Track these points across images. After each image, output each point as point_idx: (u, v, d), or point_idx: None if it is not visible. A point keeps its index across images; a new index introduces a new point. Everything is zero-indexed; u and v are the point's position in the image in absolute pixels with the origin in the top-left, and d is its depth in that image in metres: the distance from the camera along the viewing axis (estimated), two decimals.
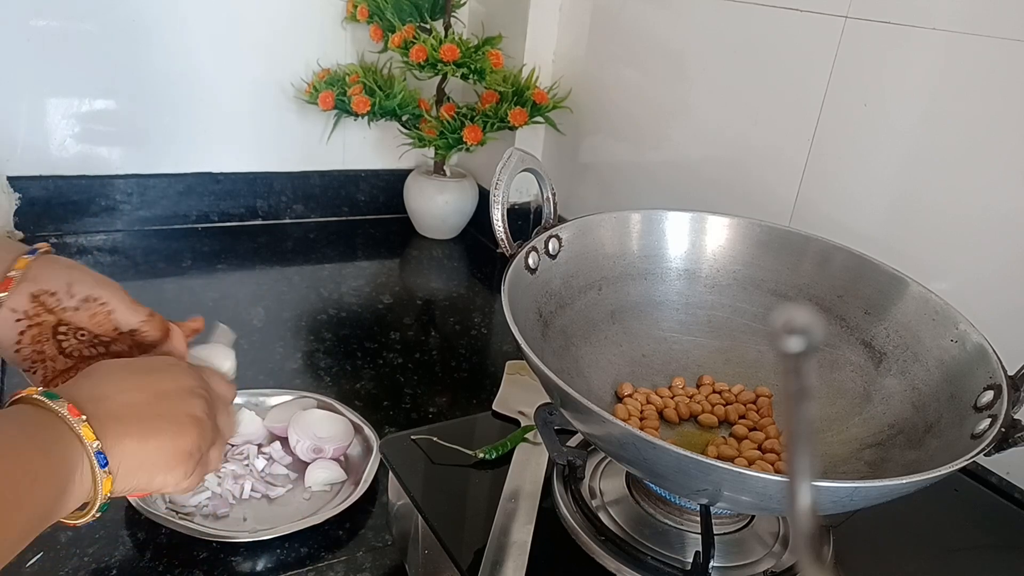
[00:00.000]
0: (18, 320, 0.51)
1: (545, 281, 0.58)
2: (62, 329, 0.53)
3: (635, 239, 0.64)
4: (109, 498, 0.42)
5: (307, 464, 0.70)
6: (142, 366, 0.48)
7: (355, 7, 1.15)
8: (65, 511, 0.40)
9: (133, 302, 0.55)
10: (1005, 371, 0.48)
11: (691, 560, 0.48)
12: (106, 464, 0.41)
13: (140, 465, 0.43)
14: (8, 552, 0.36)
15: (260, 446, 0.71)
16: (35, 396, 0.40)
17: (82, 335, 0.54)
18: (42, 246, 0.54)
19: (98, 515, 0.42)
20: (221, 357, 0.58)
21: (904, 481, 0.39)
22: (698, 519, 0.50)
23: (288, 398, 0.76)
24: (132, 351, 0.55)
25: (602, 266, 0.63)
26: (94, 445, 0.40)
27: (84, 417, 0.40)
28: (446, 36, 1.14)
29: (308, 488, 0.67)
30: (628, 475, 0.56)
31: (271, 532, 0.60)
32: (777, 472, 0.49)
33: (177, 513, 0.62)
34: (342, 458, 0.70)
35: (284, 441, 0.72)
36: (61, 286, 0.52)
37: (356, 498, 0.64)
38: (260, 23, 1.17)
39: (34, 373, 0.53)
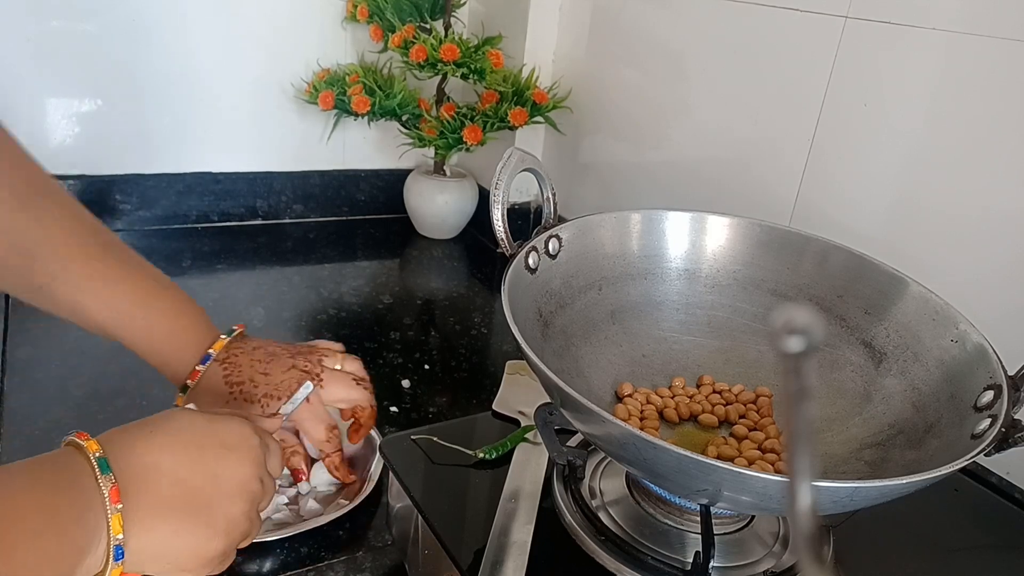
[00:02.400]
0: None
1: (545, 281, 0.58)
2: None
3: (635, 239, 0.64)
4: None
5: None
6: (214, 441, 0.45)
7: (355, 7, 1.15)
8: None
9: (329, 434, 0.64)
10: (1005, 371, 0.48)
11: (691, 560, 0.48)
12: (121, 557, 0.40)
13: (158, 558, 0.42)
14: None
15: None
16: (91, 455, 0.40)
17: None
18: (238, 327, 0.64)
19: None
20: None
21: (904, 481, 0.39)
22: (698, 519, 0.50)
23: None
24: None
25: (602, 266, 0.63)
26: (117, 537, 0.39)
27: (120, 507, 0.39)
28: (446, 36, 1.14)
29: (314, 487, 0.67)
30: (628, 475, 0.56)
31: (271, 533, 0.60)
32: (777, 472, 0.49)
33: None
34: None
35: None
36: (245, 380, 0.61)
37: (362, 498, 0.64)
38: (260, 23, 1.17)
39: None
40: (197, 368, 0.60)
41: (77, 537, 0.38)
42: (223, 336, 0.62)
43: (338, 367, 0.66)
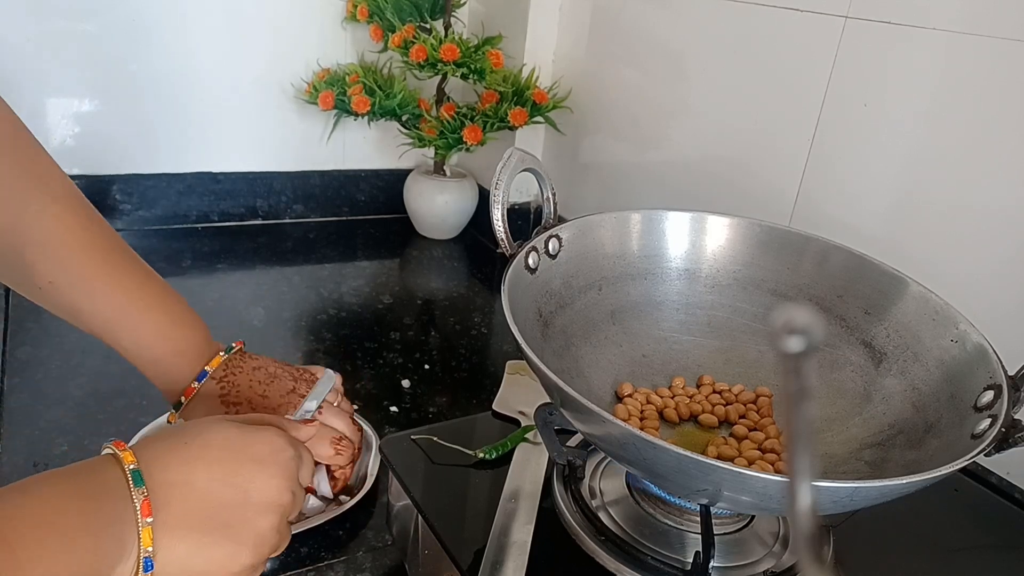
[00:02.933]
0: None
1: (545, 281, 0.58)
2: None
3: (635, 239, 0.64)
4: None
5: None
6: (246, 455, 0.45)
7: (355, 7, 1.15)
8: None
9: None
10: (1005, 371, 0.48)
11: (691, 560, 0.48)
12: (151, 568, 0.40)
13: (186, 570, 0.42)
14: None
15: None
16: (126, 467, 0.40)
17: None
18: (237, 344, 0.63)
19: None
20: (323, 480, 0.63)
21: (904, 481, 0.39)
22: (698, 519, 0.50)
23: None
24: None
25: (602, 266, 0.63)
26: (148, 550, 0.39)
27: (151, 520, 0.40)
28: (446, 36, 1.14)
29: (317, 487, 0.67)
30: (628, 475, 0.56)
31: None
32: (777, 472, 0.49)
33: None
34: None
35: None
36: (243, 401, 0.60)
37: (357, 499, 0.64)
38: (260, 23, 1.17)
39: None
40: (193, 385, 0.59)
41: (109, 545, 0.38)
42: (222, 353, 0.61)
43: (334, 403, 0.65)
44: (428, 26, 1.14)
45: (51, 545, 0.35)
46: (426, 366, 0.90)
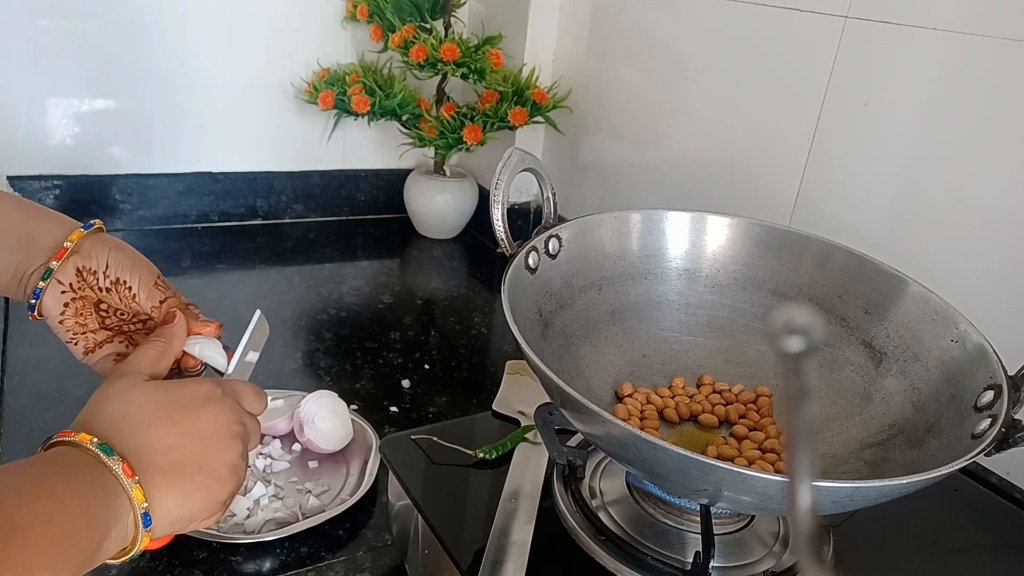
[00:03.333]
0: (63, 292, 0.53)
1: (545, 281, 0.58)
2: (103, 306, 0.55)
3: (635, 239, 0.64)
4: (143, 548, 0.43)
5: (307, 462, 0.70)
6: (180, 405, 0.47)
7: (355, 7, 1.15)
8: (102, 558, 0.41)
9: (156, 286, 0.55)
10: (1005, 371, 0.48)
11: (691, 560, 0.48)
12: (150, 524, 0.42)
13: (180, 518, 0.44)
14: None
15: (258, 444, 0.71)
16: (89, 447, 0.41)
17: (121, 314, 0.56)
18: (95, 222, 0.55)
19: (130, 562, 0.43)
20: (216, 353, 0.56)
21: (904, 481, 0.39)
22: (698, 519, 0.50)
23: (280, 400, 0.76)
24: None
25: (602, 266, 0.63)
26: (142, 506, 0.41)
27: (137, 479, 0.41)
28: (446, 36, 1.14)
29: (306, 489, 0.67)
30: (628, 475, 0.56)
31: (271, 533, 0.60)
32: (777, 472, 0.49)
33: None
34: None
35: (282, 440, 0.72)
36: (100, 265, 0.54)
37: (357, 498, 0.64)
38: (260, 23, 1.17)
39: (75, 344, 0.55)
40: (65, 245, 0.52)
41: (98, 508, 0.39)
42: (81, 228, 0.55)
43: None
44: (428, 26, 1.14)
45: (43, 508, 0.37)
46: (426, 366, 0.90)
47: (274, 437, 0.72)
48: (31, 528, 0.36)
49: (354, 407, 0.78)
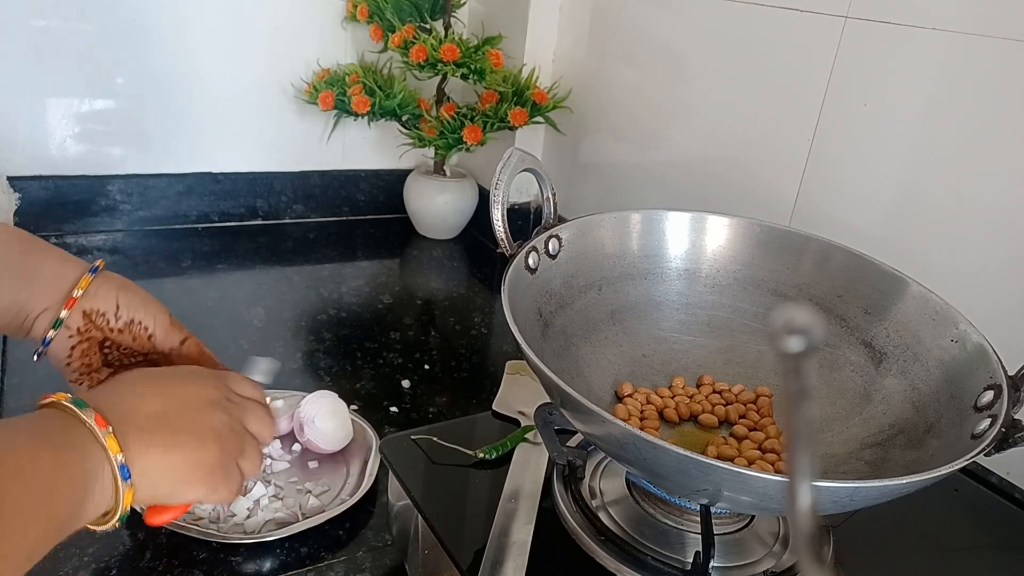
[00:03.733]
0: (70, 336, 0.53)
1: (545, 281, 0.58)
2: (106, 343, 0.55)
3: (635, 239, 0.64)
4: (130, 509, 0.42)
5: (307, 462, 0.70)
6: (166, 373, 0.49)
7: (355, 7, 1.15)
8: (85, 519, 0.40)
9: (172, 326, 0.57)
10: (1005, 371, 0.48)
11: (691, 560, 0.48)
12: (128, 476, 0.41)
13: (162, 478, 0.44)
14: (26, 559, 0.36)
15: None
16: (63, 403, 0.41)
17: (125, 350, 0.57)
18: (99, 263, 0.55)
19: (119, 525, 0.42)
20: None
21: (904, 481, 0.39)
22: (698, 519, 0.50)
23: (280, 400, 0.76)
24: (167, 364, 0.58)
25: (602, 266, 0.63)
26: (118, 458, 0.41)
27: (110, 429, 0.41)
28: (446, 36, 1.14)
29: (306, 488, 0.67)
30: (628, 475, 0.56)
31: (271, 533, 0.60)
32: (777, 472, 0.49)
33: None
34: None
35: (282, 440, 0.72)
36: (111, 307, 0.54)
37: (357, 498, 0.64)
38: (260, 23, 1.17)
39: (80, 384, 0.55)
40: (74, 295, 0.53)
41: (74, 459, 0.39)
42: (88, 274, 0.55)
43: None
44: (428, 26, 1.14)
45: (13, 466, 0.36)
46: (426, 366, 0.90)
47: (274, 437, 0.72)
48: (6, 485, 0.35)
49: (354, 407, 0.78)
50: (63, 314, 0.52)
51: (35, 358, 0.54)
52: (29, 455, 0.37)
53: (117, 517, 0.42)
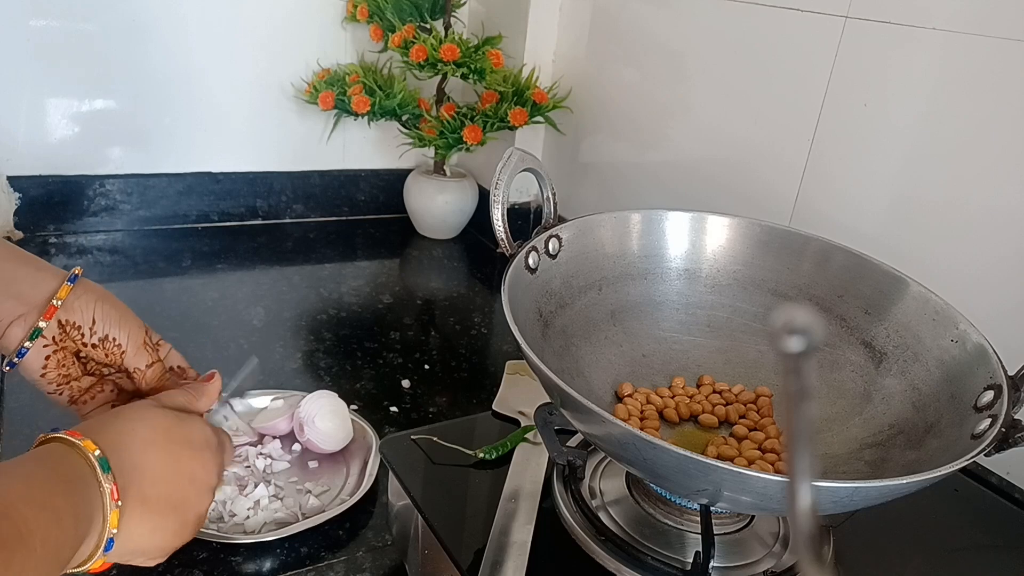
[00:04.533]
0: (45, 346, 0.52)
1: (545, 281, 0.58)
2: (82, 354, 0.55)
3: (635, 239, 0.64)
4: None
5: (307, 462, 0.70)
6: (182, 440, 0.48)
7: (355, 7, 1.15)
8: (73, 562, 0.41)
9: (143, 347, 0.55)
10: (1005, 371, 0.48)
11: (691, 560, 0.48)
12: (110, 548, 0.42)
13: (135, 550, 0.45)
14: None
15: (257, 444, 0.71)
16: (90, 456, 0.42)
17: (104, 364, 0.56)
18: (77, 270, 0.54)
19: None
20: (222, 418, 0.60)
21: (904, 481, 0.39)
22: (698, 519, 0.50)
23: (280, 400, 0.76)
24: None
25: (602, 266, 0.63)
26: (111, 532, 0.42)
27: (120, 503, 0.42)
28: (446, 36, 1.14)
29: (306, 489, 0.67)
30: (628, 475, 0.56)
31: (271, 533, 0.60)
32: (777, 472, 0.49)
33: None
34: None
35: (282, 440, 0.72)
36: (86, 320, 0.53)
37: (357, 498, 0.64)
38: (260, 23, 1.17)
39: (60, 395, 0.54)
40: (54, 303, 0.51)
41: (84, 525, 0.40)
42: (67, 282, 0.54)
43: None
44: (428, 26, 1.14)
45: (44, 521, 0.37)
46: (426, 366, 0.90)
47: (274, 437, 0.72)
48: (32, 541, 0.36)
49: (354, 407, 0.78)
50: (41, 324, 0.51)
51: (5, 368, 0.52)
52: (56, 518, 0.38)
53: (76, 571, 0.42)
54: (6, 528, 0.35)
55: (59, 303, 0.51)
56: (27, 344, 0.51)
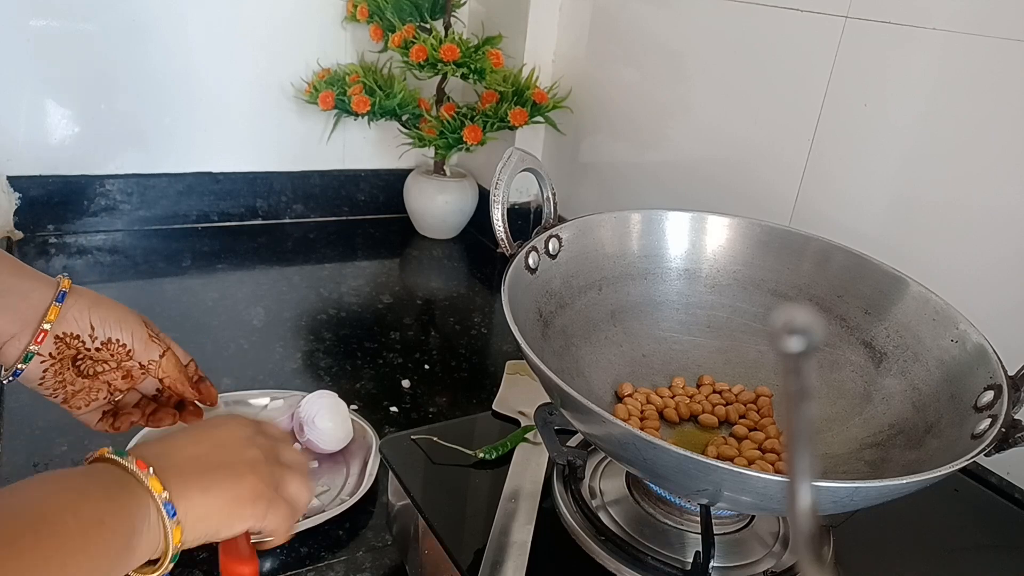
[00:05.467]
0: (43, 362, 0.53)
1: (545, 281, 0.58)
2: (79, 358, 0.55)
3: (635, 239, 0.64)
4: (179, 549, 0.42)
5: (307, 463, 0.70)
6: (198, 424, 0.50)
7: (355, 7, 1.15)
8: (133, 563, 0.40)
9: (150, 340, 0.56)
10: (1005, 371, 0.48)
11: (691, 560, 0.48)
12: (175, 514, 0.42)
13: (206, 515, 0.44)
14: None
15: None
16: (107, 456, 0.42)
17: (100, 364, 0.56)
18: (65, 283, 0.54)
19: (171, 567, 0.42)
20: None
21: (904, 481, 0.39)
22: (698, 519, 0.50)
23: (280, 400, 0.76)
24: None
25: (602, 266, 0.63)
26: (162, 496, 0.41)
27: (151, 470, 0.42)
28: (446, 36, 1.14)
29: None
30: (628, 475, 0.56)
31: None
32: (777, 472, 0.49)
33: None
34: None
35: None
36: (84, 328, 0.54)
37: (357, 498, 0.64)
38: (260, 23, 1.17)
39: (56, 397, 0.55)
40: (44, 327, 0.52)
41: (122, 504, 0.40)
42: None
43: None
44: (428, 26, 1.14)
45: (69, 500, 0.37)
46: (426, 366, 0.90)
47: None
48: (61, 516, 0.36)
49: (354, 407, 0.78)
50: (33, 348, 0.52)
51: (4, 382, 0.53)
52: (82, 492, 0.38)
53: (168, 559, 0.42)
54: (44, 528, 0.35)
55: (49, 326, 0.52)
56: (21, 366, 0.52)
